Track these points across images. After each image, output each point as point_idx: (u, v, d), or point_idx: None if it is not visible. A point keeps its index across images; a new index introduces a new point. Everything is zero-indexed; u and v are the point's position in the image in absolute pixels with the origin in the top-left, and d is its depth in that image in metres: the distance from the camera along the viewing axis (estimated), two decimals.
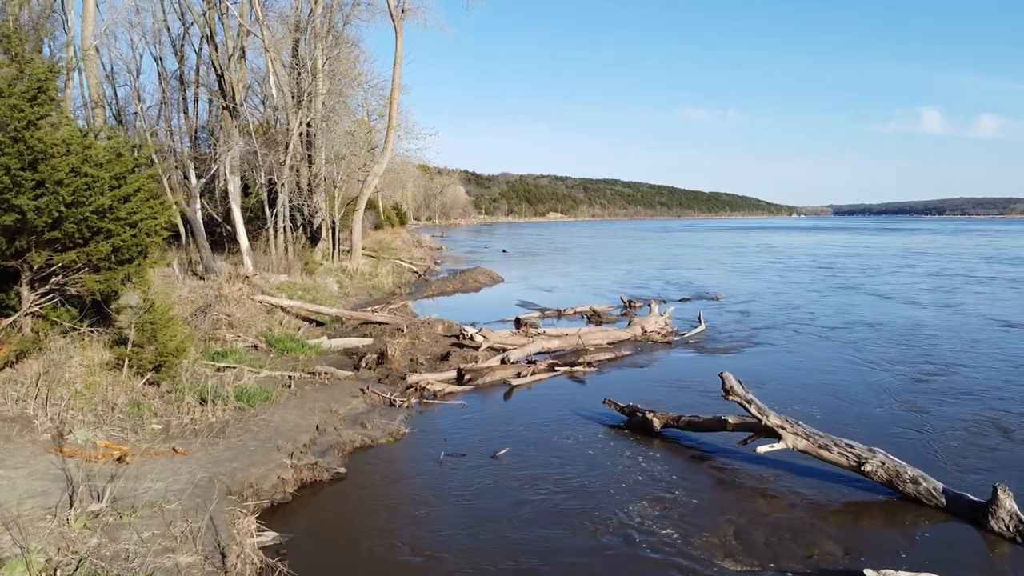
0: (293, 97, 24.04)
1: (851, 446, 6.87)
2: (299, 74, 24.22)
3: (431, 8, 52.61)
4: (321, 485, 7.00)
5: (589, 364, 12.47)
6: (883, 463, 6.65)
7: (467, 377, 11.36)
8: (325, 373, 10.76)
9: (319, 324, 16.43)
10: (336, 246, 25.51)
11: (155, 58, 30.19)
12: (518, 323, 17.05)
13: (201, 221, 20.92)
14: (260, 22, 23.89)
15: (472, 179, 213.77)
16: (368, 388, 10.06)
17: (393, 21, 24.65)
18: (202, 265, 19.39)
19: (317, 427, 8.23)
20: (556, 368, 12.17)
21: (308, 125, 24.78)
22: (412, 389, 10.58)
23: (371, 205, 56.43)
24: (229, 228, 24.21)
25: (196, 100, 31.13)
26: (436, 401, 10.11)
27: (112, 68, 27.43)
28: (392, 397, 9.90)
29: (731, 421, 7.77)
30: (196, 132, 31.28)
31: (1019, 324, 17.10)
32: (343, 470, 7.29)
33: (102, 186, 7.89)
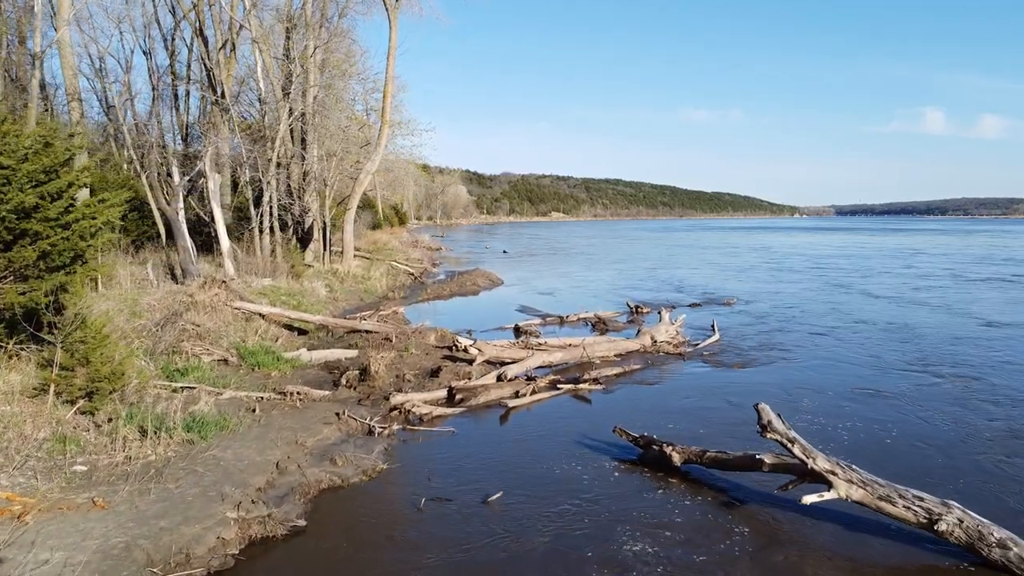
0: (283, 90, 22.84)
1: (920, 499, 5.63)
2: (289, 66, 23.02)
3: None
4: (274, 543, 5.76)
5: (595, 380, 11.22)
6: (961, 521, 5.40)
7: (459, 397, 10.14)
8: (297, 393, 9.52)
9: (302, 332, 15.21)
10: (327, 247, 24.28)
11: (144, 52, 29.14)
12: (517, 331, 15.84)
13: (184, 221, 19.73)
14: (248, 12, 22.71)
15: (474, 179, 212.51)
16: (344, 412, 8.81)
17: (387, 10, 23.43)
18: (180, 268, 18.19)
19: (277, 465, 6.99)
20: (558, 385, 10.93)
21: (301, 120, 23.61)
22: (396, 412, 9.35)
23: (369, 205, 55.24)
24: (216, 229, 23.03)
25: (187, 96, 30.08)
26: (421, 428, 8.87)
27: (102, 63, 26.40)
28: (371, 423, 8.66)
29: (767, 461, 6.52)
30: (187, 128, 30.18)
31: None
32: (302, 522, 6.05)
33: (21, 180, 6.67)
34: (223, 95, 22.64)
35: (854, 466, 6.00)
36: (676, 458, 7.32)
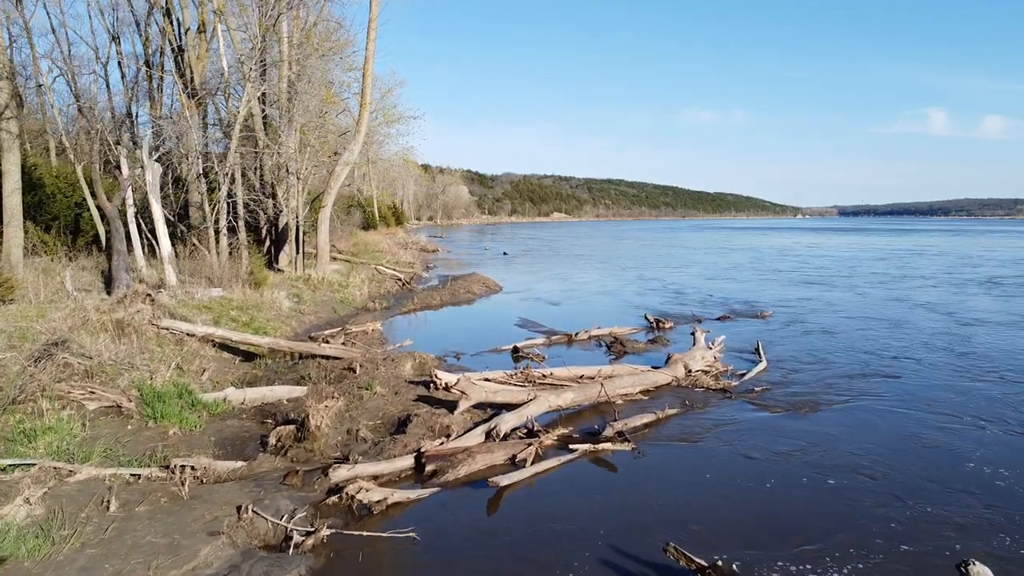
0: (249, 69, 19.88)
1: None
2: (258, 41, 20.06)
3: None
4: None
5: (621, 435, 8.22)
6: None
7: (431, 467, 7.13)
8: (191, 469, 6.50)
9: (250, 358, 12.25)
10: (300, 250, 21.28)
11: (113, 37, 26.30)
12: (516, 354, 12.86)
13: (132, 220, 16.78)
14: None
15: (475, 179, 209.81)
16: (248, 509, 5.78)
17: None
18: (114, 276, 15.23)
19: None
20: (571, 445, 7.92)
21: (275, 106, 20.66)
22: (336, 497, 6.35)
23: (363, 203, 52.23)
24: (183, 229, 20.08)
25: (161, 84, 27.35)
26: (367, 530, 5.84)
27: (70, 50, 23.70)
28: (289, 525, 5.64)
29: None
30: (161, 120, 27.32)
31: None
32: None
33: None
34: (192, 80, 19.75)
35: None
36: None
